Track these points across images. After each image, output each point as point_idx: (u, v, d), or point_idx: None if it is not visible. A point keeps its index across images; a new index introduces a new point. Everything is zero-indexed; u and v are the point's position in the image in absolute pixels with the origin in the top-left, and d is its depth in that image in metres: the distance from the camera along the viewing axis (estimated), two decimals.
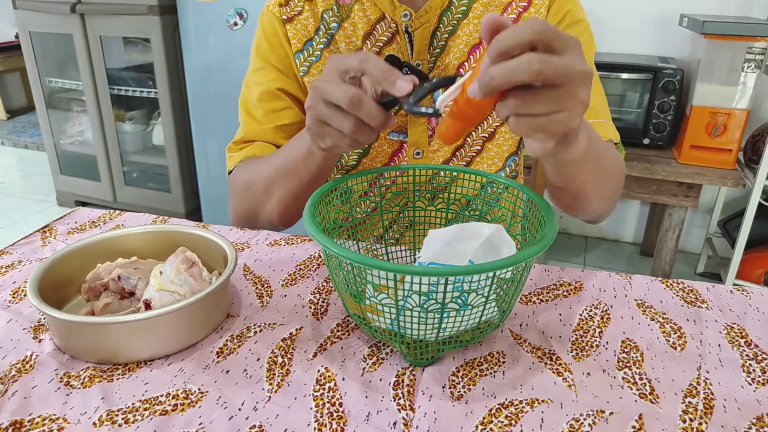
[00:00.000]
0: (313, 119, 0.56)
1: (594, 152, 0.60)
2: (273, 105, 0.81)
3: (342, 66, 0.53)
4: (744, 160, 1.91)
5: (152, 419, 0.47)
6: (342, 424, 0.46)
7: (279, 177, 0.73)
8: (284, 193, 0.74)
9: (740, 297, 0.65)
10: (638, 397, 0.50)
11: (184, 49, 2.16)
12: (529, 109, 0.44)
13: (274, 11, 0.80)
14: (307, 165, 0.69)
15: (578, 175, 0.63)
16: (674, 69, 1.82)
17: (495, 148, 0.83)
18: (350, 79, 0.53)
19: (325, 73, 0.55)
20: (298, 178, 0.71)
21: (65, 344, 0.54)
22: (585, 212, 0.77)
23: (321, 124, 0.56)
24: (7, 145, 3.76)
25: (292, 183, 0.72)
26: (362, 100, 0.51)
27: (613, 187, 0.75)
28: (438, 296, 0.46)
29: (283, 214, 0.78)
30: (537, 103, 0.43)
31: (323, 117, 0.55)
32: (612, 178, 0.73)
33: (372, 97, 0.53)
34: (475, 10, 0.77)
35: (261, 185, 0.77)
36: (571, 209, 0.76)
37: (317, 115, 0.55)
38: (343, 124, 0.53)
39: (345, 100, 0.51)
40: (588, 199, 0.71)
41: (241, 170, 0.81)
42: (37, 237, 0.77)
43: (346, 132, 0.54)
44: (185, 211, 2.50)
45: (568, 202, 0.73)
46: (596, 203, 0.73)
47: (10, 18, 3.48)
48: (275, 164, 0.74)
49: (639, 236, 2.50)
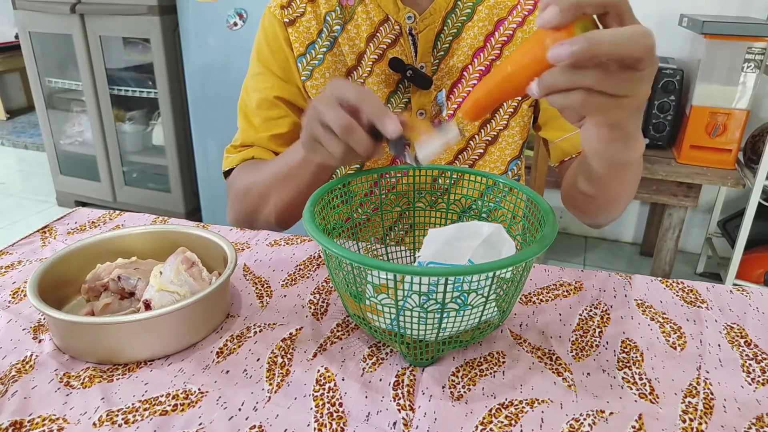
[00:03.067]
0: (308, 136, 0.59)
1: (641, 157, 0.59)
2: (270, 113, 0.81)
3: (341, 95, 0.55)
4: (744, 160, 1.91)
5: (152, 419, 0.47)
6: (342, 424, 0.46)
7: (276, 183, 0.75)
8: (281, 198, 0.76)
9: (740, 297, 0.65)
10: (638, 397, 0.50)
11: (184, 49, 2.16)
12: (609, 87, 0.40)
13: (275, 13, 0.79)
14: (302, 173, 0.70)
15: (625, 177, 0.63)
16: (674, 69, 1.81)
17: (498, 152, 0.83)
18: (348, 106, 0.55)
19: (325, 95, 0.56)
20: (294, 184, 0.72)
21: (65, 344, 0.54)
22: (606, 217, 0.76)
23: (314, 142, 0.58)
24: (7, 146, 3.76)
25: (288, 189, 0.74)
26: (354, 130, 0.53)
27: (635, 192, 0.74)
28: (438, 296, 0.46)
29: (280, 218, 0.79)
30: (621, 82, 0.40)
31: (316, 136, 0.57)
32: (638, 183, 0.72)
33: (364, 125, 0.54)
34: (480, 13, 0.77)
35: (259, 190, 0.78)
36: (590, 216, 0.75)
37: (311, 133, 0.58)
38: (334, 148, 0.55)
39: (337, 127, 0.53)
40: (616, 206, 0.71)
41: (240, 174, 0.82)
42: (37, 237, 0.77)
43: (335, 155, 0.56)
44: (185, 211, 2.50)
45: (592, 209, 0.72)
46: (622, 208, 0.73)
47: (10, 18, 3.48)
48: (273, 170, 0.76)
49: (639, 236, 2.50)
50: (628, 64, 0.40)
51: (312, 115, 0.57)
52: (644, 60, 0.40)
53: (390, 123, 0.52)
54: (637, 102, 0.43)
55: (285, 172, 0.73)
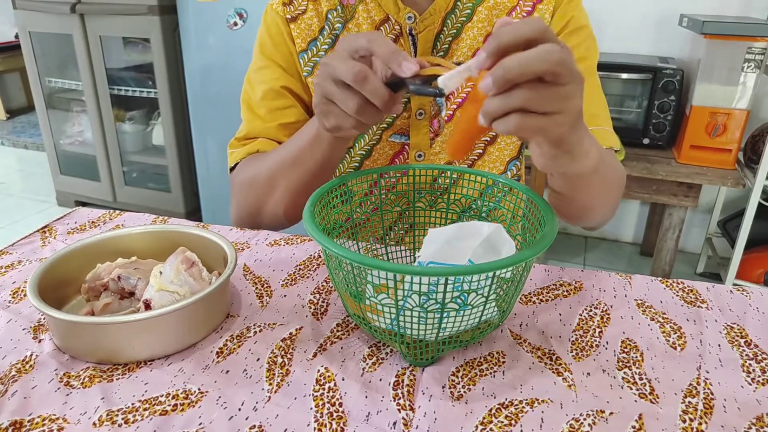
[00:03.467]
0: (320, 96, 0.56)
1: (603, 165, 0.61)
2: (277, 103, 0.81)
3: (352, 45, 0.53)
4: (744, 160, 1.91)
5: (152, 419, 0.47)
6: (342, 424, 0.46)
7: (285, 168, 0.73)
8: (290, 184, 0.73)
9: (740, 297, 0.65)
10: (638, 397, 0.50)
11: (184, 49, 2.16)
12: (537, 105, 0.43)
13: (277, 10, 0.79)
14: (313, 152, 0.68)
15: (587, 187, 0.64)
16: (674, 69, 1.82)
17: (497, 152, 0.83)
18: (360, 58, 0.53)
19: (336, 51, 0.55)
20: (305, 167, 0.70)
21: (65, 344, 0.54)
22: (588, 222, 0.77)
23: (327, 102, 0.55)
24: (7, 145, 3.76)
25: (298, 173, 0.71)
26: (367, 77, 0.51)
27: (617, 196, 0.76)
28: (438, 296, 0.46)
29: (290, 207, 0.77)
30: (547, 98, 0.43)
31: (329, 94, 0.54)
32: (616, 187, 0.74)
33: (380, 77, 0.53)
34: (480, 14, 0.77)
35: (265, 178, 0.76)
36: (573, 219, 0.76)
37: (323, 92, 0.55)
38: (348, 103, 0.53)
39: (351, 76, 0.51)
40: (594, 210, 0.72)
41: (244, 167, 0.81)
42: (36, 237, 0.77)
43: (350, 111, 0.53)
44: (185, 211, 2.50)
45: (572, 212, 0.73)
46: (600, 213, 0.74)
47: (10, 18, 3.48)
48: (281, 155, 0.74)
49: (639, 236, 2.50)
50: (550, 80, 0.43)
51: (323, 74, 0.54)
52: (561, 74, 0.42)
53: (406, 62, 0.50)
54: (570, 118, 0.46)
55: (295, 154, 0.71)
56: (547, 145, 0.50)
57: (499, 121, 0.45)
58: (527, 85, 0.43)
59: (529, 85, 0.43)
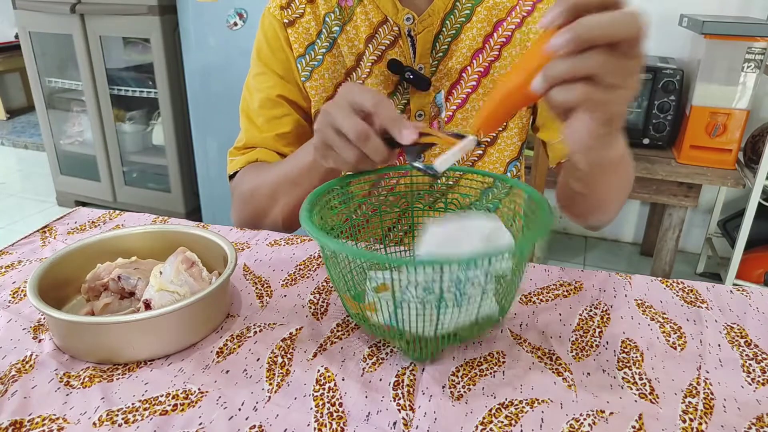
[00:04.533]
0: (320, 141, 0.57)
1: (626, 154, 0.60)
2: (273, 112, 0.81)
3: (356, 100, 0.54)
4: (744, 160, 1.91)
5: (152, 419, 0.47)
6: (342, 424, 0.46)
7: (285, 185, 0.74)
8: (290, 200, 0.75)
9: (740, 297, 0.65)
10: (638, 397, 0.50)
11: (184, 50, 2.16)
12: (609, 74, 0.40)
13: (275, 14, 0.79)
14: (311, 177, 0.70)
15: (608, 178, 0.63)
16: (674, 69, 1.82)
17: (497, 153, 0.83)
18: (360, 113, 0.54)
19: (338, 100, 0.55)
20: (303, 188, 0.71)
21: (65, 344, 0.54)
22: (598, 219, 0.76)
23: (327, 147, 0.57)
24: (7, 145, 3.76)
25: (297, 192, 0.73)
26: (369, 137, 0.52)
27: (628, 191, 0.75)
28: (434, 286, 0.46)
29: (288, 220, 0.79)
30: (618, 69, 0.40)
31: (329, 141, 0.56)
32: (629, 181, 0.73)
33: (378, 132, 0.54)
34: (479, 14, 0.77)
35: (267, 191, 0.77)
36: (584, 216, 0.75)
37: (324, 139, 0.56)
38: (348, 154, 0.54)
39: (353, 135, 0.52)
40: (608, 204, 0.71)
41: (246, 176, 0.82)
42: (36, 237, 0.77)
43: (349, 161, 0.55)
44: (185, 211, 2.50)
45: (583, 210, 0.73)
46: (613, 208, 0.74)
47: (10, 18, 3.48)
48: (282, 171, 0.75)
49: (639, 236, 2.50)
50: (622, 51, 0.40)
51: (325, 121, 0.56)
52: (637, 44, 0.40)
53: (406, 131, 0.52)
54: (631, 95, 0.43)
55: (294, 175, 0.72)
56: (600, 123, 0.46)
57: (561, 87, 0.41)
58: (603, 50, 0.39)
59: (605, 50, 0.39)
